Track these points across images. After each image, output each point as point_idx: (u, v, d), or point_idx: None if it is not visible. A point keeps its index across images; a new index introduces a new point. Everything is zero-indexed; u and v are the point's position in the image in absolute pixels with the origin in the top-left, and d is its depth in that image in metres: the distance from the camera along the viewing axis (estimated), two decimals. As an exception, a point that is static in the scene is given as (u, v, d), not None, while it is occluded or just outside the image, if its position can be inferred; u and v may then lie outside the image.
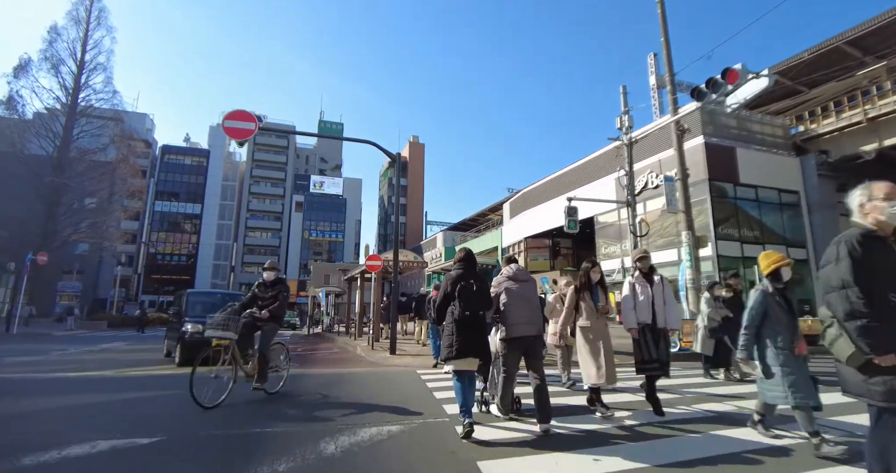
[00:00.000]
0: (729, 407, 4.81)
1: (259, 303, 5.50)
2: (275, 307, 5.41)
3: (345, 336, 17.39)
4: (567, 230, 10.25)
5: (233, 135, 10.11)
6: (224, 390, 4.78)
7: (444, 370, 7.16)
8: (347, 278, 19.11)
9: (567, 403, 5.01)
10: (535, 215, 28.02)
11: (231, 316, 5.04)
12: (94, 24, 35.42)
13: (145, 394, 5.67)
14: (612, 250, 21.37)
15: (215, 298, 9.63)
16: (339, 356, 11.05)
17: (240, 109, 10.33)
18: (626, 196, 10.86)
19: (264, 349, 5.27)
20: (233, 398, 4.84)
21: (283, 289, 5.60)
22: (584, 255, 29.06)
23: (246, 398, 5.11)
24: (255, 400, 5.10)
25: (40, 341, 15.20)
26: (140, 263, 52.54)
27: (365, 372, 7.81)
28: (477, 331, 3.84)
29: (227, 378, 4.88)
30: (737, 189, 17.51)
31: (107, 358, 9.92)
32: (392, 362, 9.22)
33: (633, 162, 12.10)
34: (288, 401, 5.17)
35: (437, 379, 6.63)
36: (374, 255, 12.55)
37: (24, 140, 32.32)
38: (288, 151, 67.09)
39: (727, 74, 7.96)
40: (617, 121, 11.46)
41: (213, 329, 4.91)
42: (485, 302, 3.97)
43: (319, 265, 43.83)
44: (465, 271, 3.99)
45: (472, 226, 49.44)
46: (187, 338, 8.25)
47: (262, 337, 5.32)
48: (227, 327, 4.94)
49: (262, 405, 4.95)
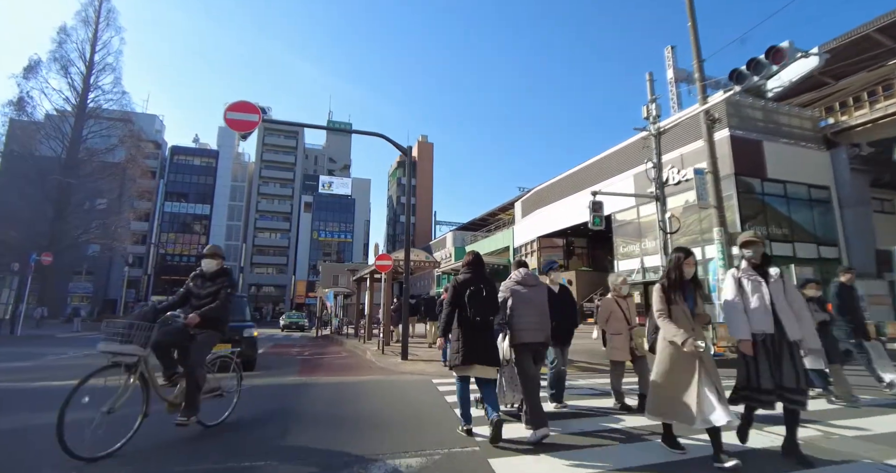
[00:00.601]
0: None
1: (193, 302, 4.02)
2: (210, 308, 3.90)
3: (354, 339, 16.81)
4: (592, 227, 9.54)
5: (235, 127, 9.57)
6: (125, 430, 3.30)
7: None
8: (356, 278, 18.54)
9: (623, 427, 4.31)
10: (548, 214, 27.26)
11: (137, 322, 3.38)
12: (103, 24, 35.43)
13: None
14: (630, 250, 20.55)
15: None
16: (347, 362, 10.45)
17: (242, 101, 9.78)
18: (655, 190, 10.10)
19: (194, 367, 3.74)
20: (157, 437, 3.58)
21: (226, 284, 4.07)
22: (600, 255, 28.33)
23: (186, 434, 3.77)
24: (194, 435, 3.81)
25: (42, 343, 14.80)
26: (150, 264, 52.57)
27: (375, 381, 7.18)
28: (487, 337, 3.79)
29: (135, 412, 3.42)
30: (764, 184, 16.65)
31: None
32: (404, 368, 8.58)
33: (644, 161, 11.32)
34: (271, 428, 4.50)
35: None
36: (384, 254, 11.95)
37: (34, 141, 32.37)
38: (297, 152, 66.91)
39: (772, 52, 7.21)
40: (643, 110, 10.72)
41: (109, 341, 3.36)
42: (494, 307, 3.89)
43: (328, 266, 43.46)
44: (474, 276, 3.91)
45: (481, 226, 48.82)
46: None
47: (194, 351, 3.81)
48: (130, 337, 3.35)
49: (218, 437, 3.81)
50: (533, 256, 28.67)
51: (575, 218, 24.54)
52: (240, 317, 8.70)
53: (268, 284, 62.41)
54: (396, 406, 5.22)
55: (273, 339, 20.23)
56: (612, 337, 5.13)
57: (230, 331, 8.18)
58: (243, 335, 8.15)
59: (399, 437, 3.81)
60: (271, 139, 66.18)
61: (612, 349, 5.11)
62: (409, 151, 10.70)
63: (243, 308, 8.92)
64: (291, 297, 58.71)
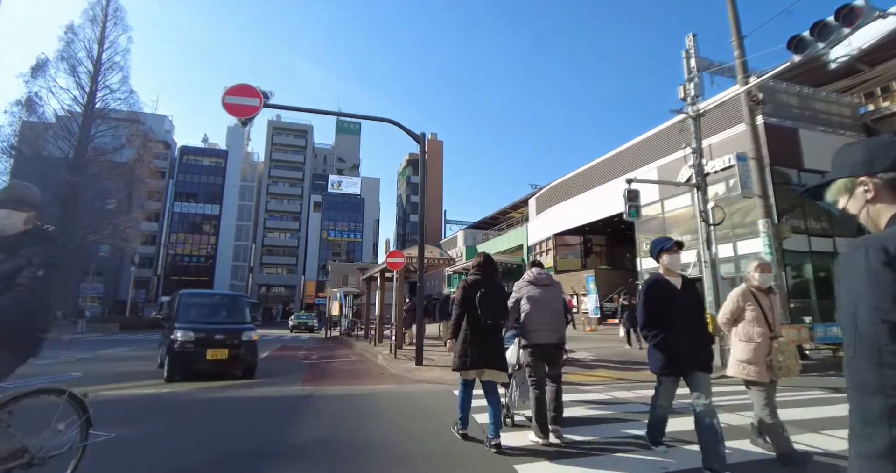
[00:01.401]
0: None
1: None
2: (8, 297, 2.11)
3: (364, 341, 16.01)
4: (627, 218, 8.60)
5: (234, 112, 8.81)
6: None
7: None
8: (366, 277, 17.74)
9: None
10: (564, 211, 26.24)
11: None
12: (110, 23, 35.14)
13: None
14: (653, 247, 19.47)
15: (213, 299, 8.30)
16: (356, 367, 9.63)
17: (243, 84, 9.02)
18: (695, 178, 9.12)
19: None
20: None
21: (35, 259, 2.22)
22: (619, 253, 27.23)
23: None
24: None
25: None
26: (160, 264, 52.45)
27: (388, 392, 6.34)
28: (495, 340, 3.73)
29: None
30: (801, 175, 15.50)
31: (91, 370, 8.68)
32: (419, 375, 7.74)
33: (682, 146, 10.29)
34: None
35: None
36: (396, 251, 11.13)
37: (43, 141, 32.19)
38: (306, 151, 66.52)
39: (844, 13, 6.21)
40: (679, 90, 9.74)
41: None
42: (504, 310, 3.84)
43: (338, 265, 42.77)
44: (484, 278, 3.85)
45: (492, 224, 47.95)
46: (177, 349, 6.90)
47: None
48: None
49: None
50: (548, 254, 27.67)
51: (593, 214, 23.53)
52: (239, 319, 7.92)
53: (278, 284, 62.11)
54: (416, 427, 4.36)
55: (281, 341, 19.54)
56: (744, 345, 3.44)
57: (226, 335, 7.53)
58: (241, 340, 7.37)
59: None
60: (280, 139, 65.89)
61: (744, 363, 3.38)
62: (422, 137, 9.85)
63: (242, 309, 8.12)
64: (301, 297, 58.29)
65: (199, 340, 6.98)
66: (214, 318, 7.74)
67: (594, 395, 5.96)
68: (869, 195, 0.98)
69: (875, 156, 0.98)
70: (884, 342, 0.79)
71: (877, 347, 0.80)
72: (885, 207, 0.96)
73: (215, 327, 7.35)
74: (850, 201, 1.06)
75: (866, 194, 0.99)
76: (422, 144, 9.86)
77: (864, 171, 0.99)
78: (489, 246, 36.63)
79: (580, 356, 10.21)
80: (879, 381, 0.79)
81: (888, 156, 0.95)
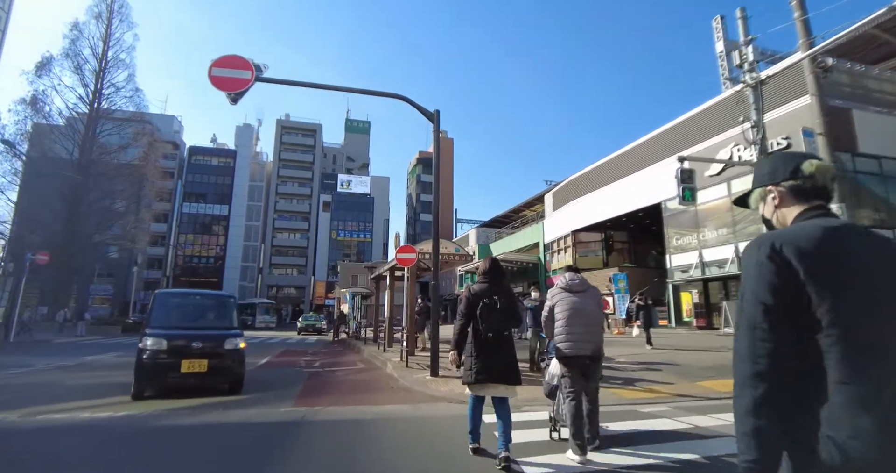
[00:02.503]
0: None
1: None
2: None
3: (372, 345, 14.80)
4: (682, 203, 7.16)
5: (222, 86, 7.68)
6: None
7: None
8: (374, 276, 16.55)
9: None
10: (584, 206, 24.83)
11: None
12: (116, 20, 34.63)
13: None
14: (685, 242, 18.00)
15: (195, 300, 7.09)
16: (363, 378, 8.40)
17: (232, 55, 7.91)
18: (756, 154, 7.72)
19: None
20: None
21: None
22: (643, 250, 25.67)
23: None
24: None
25: (30, 351, 13.29)
26: (168, 265, 51.98)
27: (398, 416, 5.10)
28: (503, 352, 3.48)
29: None
30: (855, 160, 13.95)
31: (60, 382, 7.58)
32: (435, 389, 6.49)
33: (739, 120, 8.86)
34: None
35: (532, 443, 3.81)
36: (407, 245, 9.89)
37: (49, 141, 31.70)
38: (315, 150, 65.75)
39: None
40: (734, 56, 8.33)
41: None
42: (511, 319, 3.59)
43: (346, 265, 41.76)
44: (490, 286, 3.60)
45: (504, 223, 46.67)
46: (145, 360, 5.72)
47: None
48: None
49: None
50: (566, 252, 26.24)
51: (616, 209, 22.10)
52: (224, 323, 6.71)
53: (287, 285, 61.36)
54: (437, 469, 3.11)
55: (286, 344, 18.45)
56: None
57: (206, 342, 6.25)
58: (225, 348, 6.15)
59: None
60: (289, 138, 65.24)
61: None
62: (436, 115, 8.61)
63: (228, 312, 6.87)
64: (311, 298, 57.45)
65: (172, 349, 5.80)
66: (194, 322, 6.53)
67: (663, 422, 4.65)
68: (776, 202, 1.15)
69: (777, 167, 1.15)
70: (759, 321, 0.97)
71: (753, 324, 0.97)
72: (789, 210, 1.13)
73: (193, 333, 6.15)
74: (765, 208, 1.19)
75: (774, 201, 1.15)
76: (435, 121, 8.62)
77: (770, 180, 1.16)
78: (503, 244, 35.28)
79: (621, 362, 8.83)
80: (751, 351, 0.96)
81: (787, 167, 1.13)
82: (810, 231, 1.00)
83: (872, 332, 0.91)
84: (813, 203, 1.09)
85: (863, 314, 0.92)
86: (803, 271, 0.94)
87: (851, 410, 0.88)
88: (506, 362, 3.46)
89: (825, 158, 8.32)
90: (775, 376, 0.92)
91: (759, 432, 0.92)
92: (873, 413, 0.87)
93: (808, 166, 1.09)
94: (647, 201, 19.96)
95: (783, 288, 0.95)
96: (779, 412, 0.92)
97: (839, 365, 0.90)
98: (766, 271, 0.97)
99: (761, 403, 0.92)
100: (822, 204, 1.10)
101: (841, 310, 0.91)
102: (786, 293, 0.95)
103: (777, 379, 0.92)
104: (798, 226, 1.06)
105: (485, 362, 3.40)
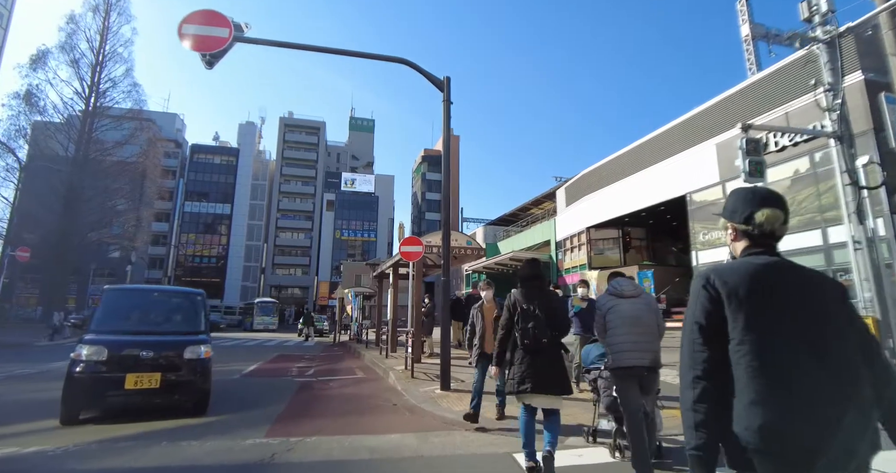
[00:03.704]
0: None
1: None
2: None
3: (374, 349, 13.54)
4: (746, 181, 5.78)
5: (196, 46, 6.48)
6: None
7: None
8: (377, 273, 15.29)
9: None
10: (599, 200, 23.42)
11: None
12: (113, 13, 33.68)
13: None
14: (714, 238, 16.57)
15: (152, 298, 5.79)
16: (360, 391, 7.12)
17: (207, 9, 6.69)
18: (835, 127, 6.36)
19: None
20: None
21: None
22: (662, 247, 24.24)
23: None
24: None
25: (4, 356, 12.13)
26: (170, 265, 51.04)
27: (400, 452, 3.82)
28: (550, 359, 3.26)
29: None
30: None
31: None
32: (448, 409, 5.21)
33: (811, 83, 7.47)
34: None
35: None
36: (412, 237, 8.63)
37: (44, 137, 30.82)
38: (318, 149, 64.71)
39: None
40: (801, 8, 6.98)
41: None
42: (555, 326, 3.30)
43: (350, 265, 40.65)
44: (527, 293, 3.38)
45: (512, 221, 45.30)
46: (77, 373, 4.47)
47: None
48: None
49: None
50: (580, 249, 24.88)
51: (635, 203, 20.67)
52: (185, 327, 5.41)
53: (291, 285, 60.31)
54: None
55: (282, 347, 17.20)
56: None
57: (159, 350, 4.34)
58: (183, 358, 4.85)
59: None
60: (292, 136, 64.24)
61: None
62: (446, 82, 7.33)
63: (193, 312, 5.52)
64: (315, 299, 56.33)
65: (114, 359, 4.54)
66: (150, 326, 5.27)
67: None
68: (731, 236, 1.40)
69: (736, 207, 1.37)
70: (695, 337, 1.24)
71: (691, 339, 1.25)
72: (740, 244, 1.37)
73: (143, 338, 4.87)
74: (726, 236, 1.44)
75: (730, 235, 1.40)
76: (445, 90, 7.35)
77: (730, 219, 1.39)
78: (512, 243, 33.95)
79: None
80: (691, 360, 1.23)
81: (743, 211, 1.33)
82: (738, 267, 1.27)
83: (769, 350, 1.15)
84: (757, 242, 1.31)
85: (766, 336, 1.16)
86: (725, 299, 1.22)
87: (747, 407, 1.13)
88: (550, 370, 3.22)
89: None
90: (708, 380, 1.19)
91: (699, 425, 1.17)
92: (764, 408, 1.10)
93: (760, 216, 1.29)
94: (670, 193, 18.53)
95: (713, 312, 1.23)
96: (713, 408, 1.17)
97: (744, 373, 1.15)
98: (702, 297, 1.26)
99: (699, 401, 1.18)
100: (769, 242, 1.32)
101: (748, 331, 1.17)
102: (716, 315, 1.22)
103: (709, 383, 1.18)
104: (736, 261, 1.33)
105: (526, 370, 3.20)
